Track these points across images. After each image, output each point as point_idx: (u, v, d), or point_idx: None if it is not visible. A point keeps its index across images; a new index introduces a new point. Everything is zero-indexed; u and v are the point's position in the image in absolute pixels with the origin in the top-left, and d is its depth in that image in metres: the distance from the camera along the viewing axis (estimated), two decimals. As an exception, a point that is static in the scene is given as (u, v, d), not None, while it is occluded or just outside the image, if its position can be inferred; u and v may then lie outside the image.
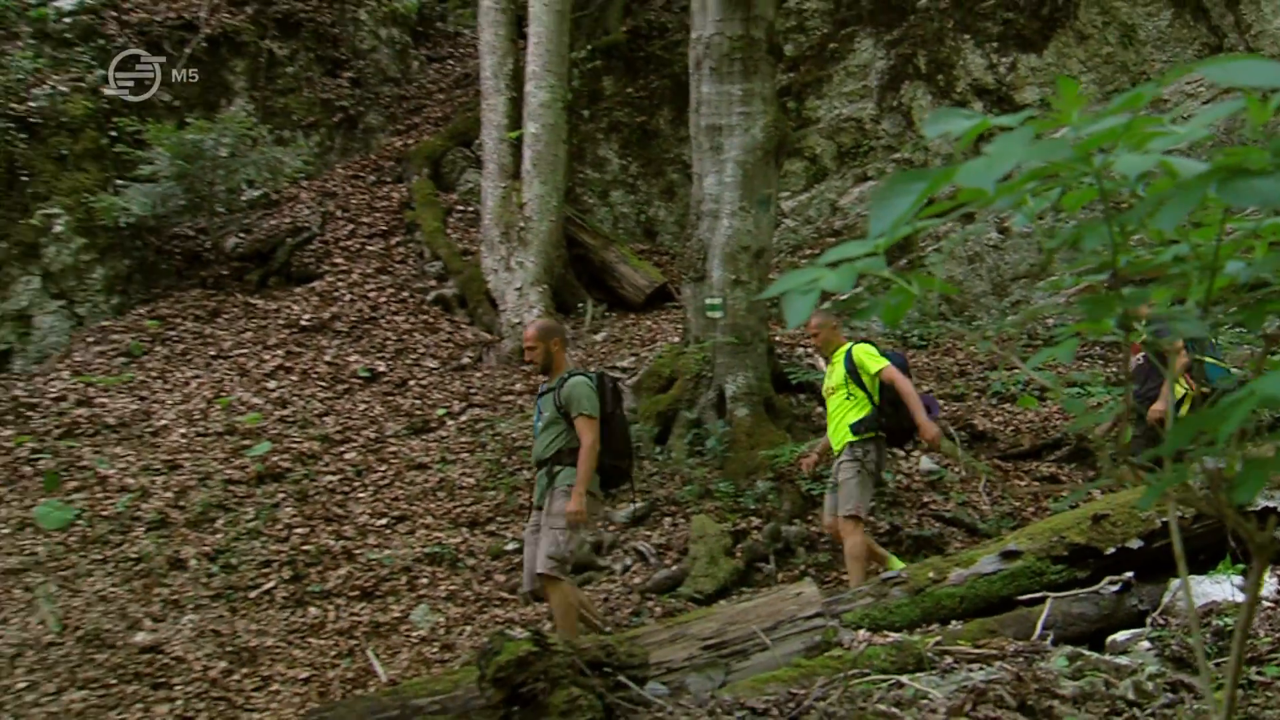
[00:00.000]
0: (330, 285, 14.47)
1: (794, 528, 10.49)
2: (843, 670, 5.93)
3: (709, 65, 11.54)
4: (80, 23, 15.62)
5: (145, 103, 15.53)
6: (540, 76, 14.24)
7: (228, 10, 16.40)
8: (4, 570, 11.02)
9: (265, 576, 10.92)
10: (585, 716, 5.91)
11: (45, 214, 14.31)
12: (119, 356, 13.70)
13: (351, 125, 16.69)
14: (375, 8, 17.44)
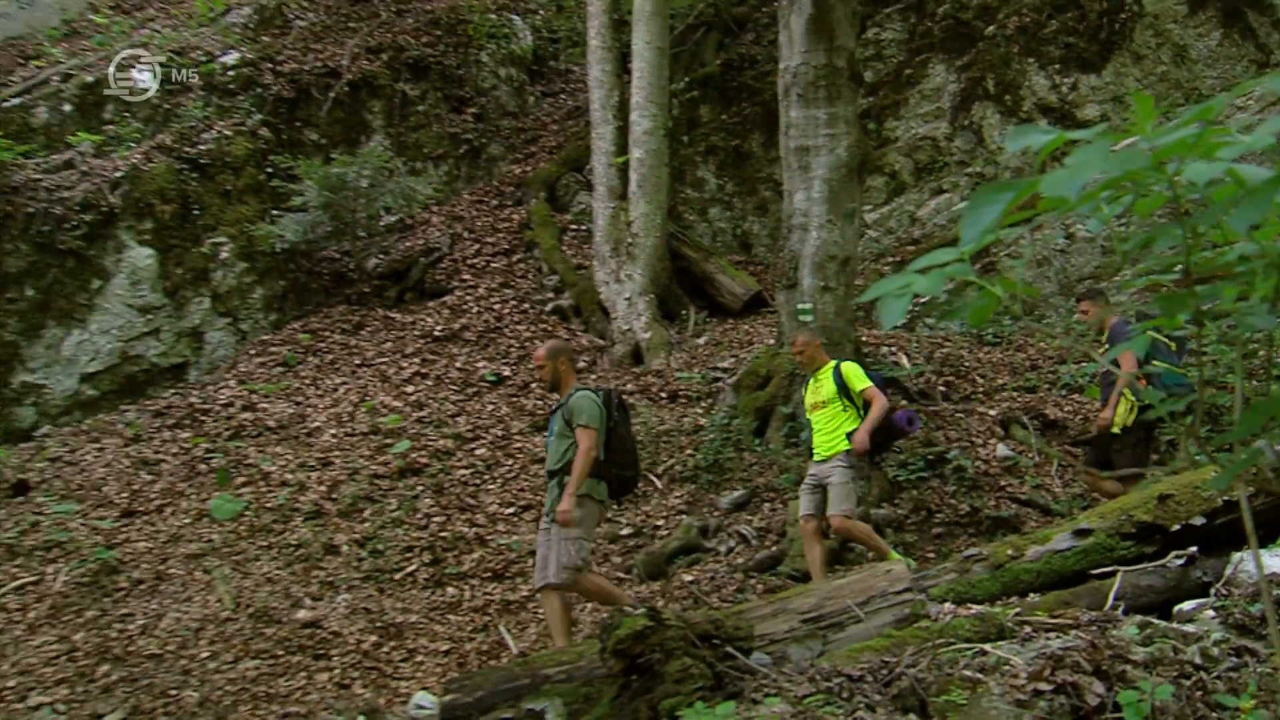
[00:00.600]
0: (459, 299, 14.53)
1: (881, 510, 10.39)
2: (930, 640, 5.84)
3: (796, 92, 11.47)
4: (241, 74, 15.82)
5: (296, 141, 15.69)
6: (644, 107, 14.22)
7: (366, 58, 16.52)
8: (186, 555, 11.18)
9: (408, 560, 10.99)
10: (697, 684, 5.86)
11: (213, 243, 14.50)
12: (277, 367, 13.84)
13: (476, 156, 16.75)
14: (495, 50, 17.49)
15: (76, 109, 15.52)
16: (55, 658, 10.11)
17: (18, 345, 13.75)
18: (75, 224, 14.09)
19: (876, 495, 10.46)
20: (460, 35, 17.28)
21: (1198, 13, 14.45)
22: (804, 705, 5.26)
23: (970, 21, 14.67)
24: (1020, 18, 14.38)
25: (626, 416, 9.10)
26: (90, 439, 13.22)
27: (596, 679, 6.64)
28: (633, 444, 9.08)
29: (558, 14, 18.14)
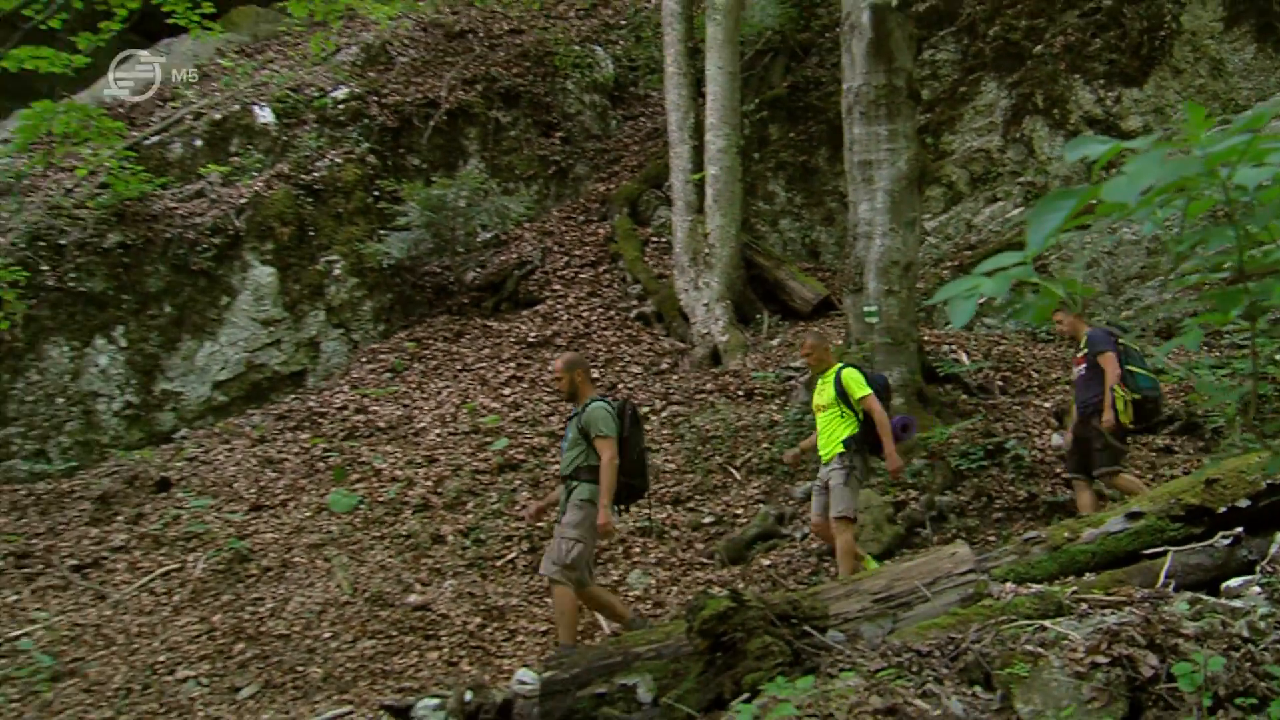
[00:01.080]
0: (550, 308, 14.55)
1: (945, 498, 10.28)
2: (993, 617, 5.78)
3: (859, 111, 11.41)
4: (350, 107, 15.94)
5: (400, 166, 15.78)
6: (717, 127, 14.18)
7: (462, 89, 16.59)
8: (308, 545, 11.28)
9: (508, 549, 11.01)
10: (776, 660, 5.83)
11: (327, 260, 14.63)
12: (386, 373, 13.93)
13: (563, 176, 16.78)
14: (580, 79, 17.51)
15: (206, 144, 15.71)
16: (197, 636, 10.27)
17: (158, 357, 13.95)
18: (206, 247, 14.27)
19: (940, 483, 10.35)
20: (547, 66, 17.32)
21: (1233, 28, 14.21)
22: (877, 679, 5.22)
23: (1019, 41, 14.52)
24: (1066, 36, 14.21)
25: (639, 428, 8.94)
26: (222, 440, 13.38)
27: (683, 656, 6.62)
28: (641, 454, 8.90)
29: (636, 44, 18.12)
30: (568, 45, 17.62)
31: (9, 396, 13.53)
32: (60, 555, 11.87)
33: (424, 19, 17.95)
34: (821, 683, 5.33)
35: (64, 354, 13.71)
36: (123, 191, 14.34)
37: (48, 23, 8.63)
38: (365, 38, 17.39)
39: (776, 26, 16.21)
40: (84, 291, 13.91)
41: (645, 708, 6.58)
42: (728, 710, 5.74)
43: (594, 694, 6.86)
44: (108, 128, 13.45)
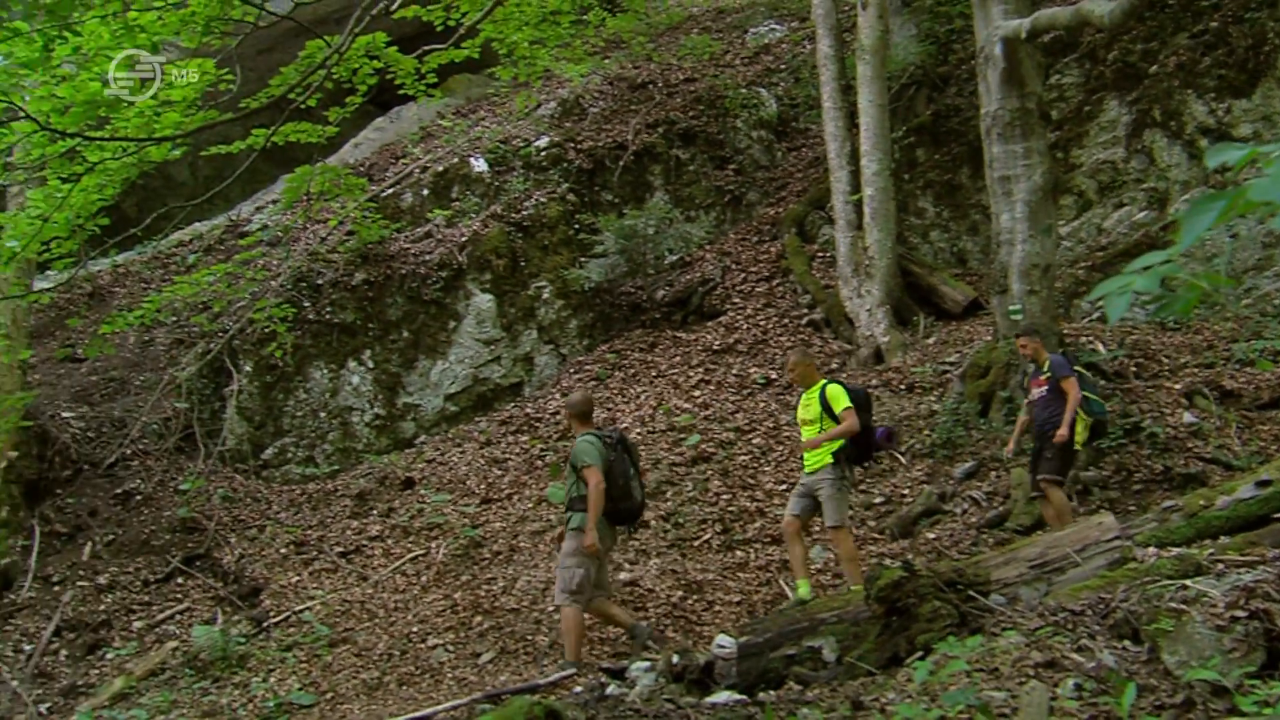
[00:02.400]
0: (731, 319, 14.61)
1: (1089, 473, 10.08)
2: (1139, 578, 5.69)
3: (996, 132, 11.27)
4: (551, 154, 16.25)
5: (595, 202, 16.01)
6: (871, 153, 14.09)
7: (646, 132, 16.76)
8: (531, 532, 11.53)
9: (703, 530, 11.10)
10: (945, 622, 5.84)
11: (537, 286, 14.93)
12: (591, 381, 14.15)
13: (737, 203, 16.81)
14: (747, 117, 17.55)
15: (432, 192, 16.15)
16: (442, 611, 10.57)
17: (399, 375, 14.39)
18: (435, 280, 14.68)
19: (1085, 460, 10.13)
20: (719, 108, 17.38)
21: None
22: (1036, 636, 5.21)
23: (1136, 63, 14.13)
24: (1178, 56, 13.78)
25: (627, 456, 8.84)
26: (454, 444, 13.74)
27: (862, 620, 6.66)
28: (629, 480, 8.76)
29: (795, 84, 18.06)
30: (736, 89, 17.67)
31: (283, 412, 14.12)
32: (329, 543, 12.35)
33: (610, 74, 18.18)
34: (987, 641, 5.33)
35: (324, 376, 14.25)
36: (366, 237, 14.85)
37: (306, 103, 8.98)
38: (561, 94, 17.69)
39: (918, 62, 16.04)
40: (338, 322, 14.43)
41: (830, 666, 6.63)
42: (904, 667, 5.77)
43: (785, 655, 6.94)
44: (353, 184, 13.94)
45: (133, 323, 12.71)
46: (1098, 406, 9.58)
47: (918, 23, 16.62)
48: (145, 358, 15.37)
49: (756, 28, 19.88)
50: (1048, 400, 9.58)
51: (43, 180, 9.85)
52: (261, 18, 8.52)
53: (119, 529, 12.68)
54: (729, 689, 6.84)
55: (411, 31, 11.55)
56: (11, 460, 12.80)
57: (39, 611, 11.58)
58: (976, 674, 4.92)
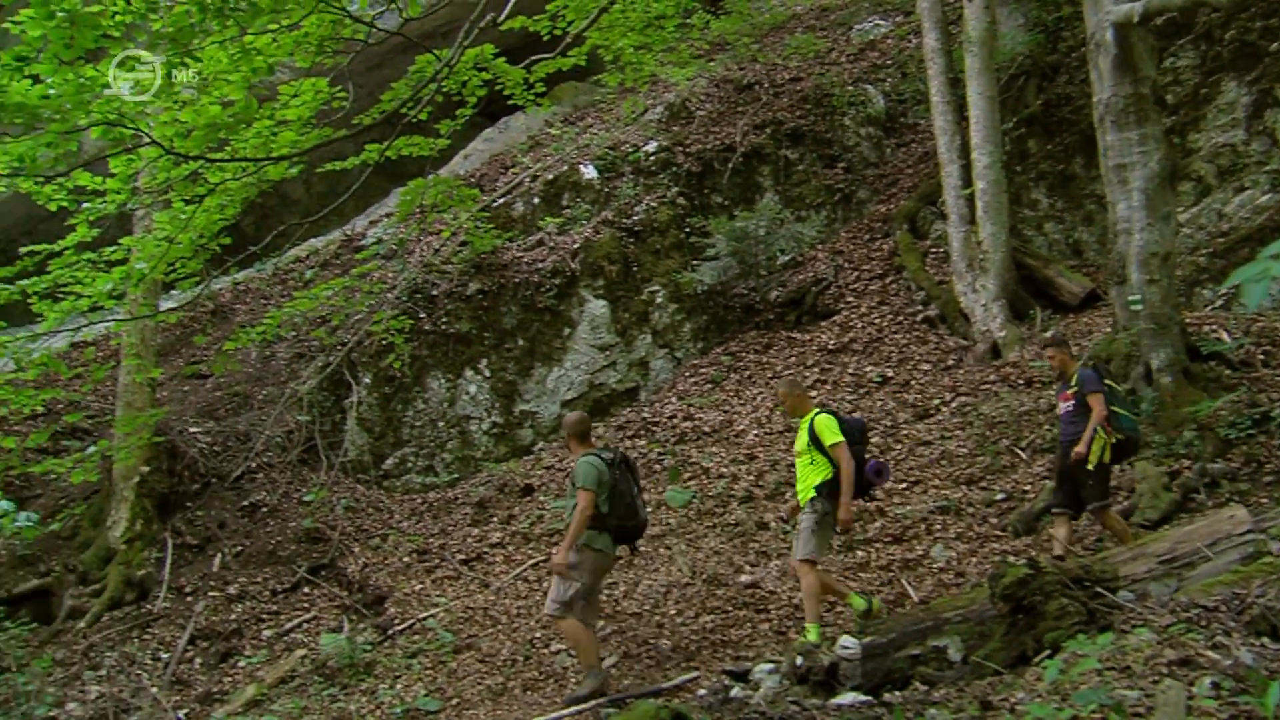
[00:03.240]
0: (846, 318, 14.52)
1: (1217, 465, 9.78)
2: (1275, 572, 5.55)
3: (1110, 120, 11.03)
4: (660, 158, 16.32)
5: (705, 205, 16.03)
6: (981, 146, 13.91)
7: (754, 133, 16.74)
8: (651, 536, 11.55)
9: (823, 529, 11.02)
10: (1073, 619, 5.76)
11: (650, 291, 14.99)
12: (707, 384, 14.16)
13: (847, 201, 16.71)
14: (855, 114, 17.43)
15: (543, 200, 16.31)
16: (564, 617, 10.62)
17: (516, 383, 14.56)
18: (548, 287, 14.81)
19: (1211, 452, 9.87)
20: (826, 106, 17.28)
21: None
22: (1168, 633, 5.10)
23: (1255, 42, 13.70)
24: (1302, 32, 13.41)
25: (629, 475, 8.76)
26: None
27: (987, 619, 6.60)
28: (633, 498, 8.65)
29: (902, 80, 17.89)
30: (842, 87, 17.56)
31: (403, 423, 14.38)
32: (451, 551, 12.54)
33: (716, 77, 18.19)
34: (1117, 638, 5.24)
35: (442, 385, 14.48)
36: (479, 247, 15.04)
37: (418, 117, 9.14)
38: (668, 98, 17.75)
39: (1026, 52, 15.76)
40: (454, 332, 14.65)
41: (956, 666, 6.58)
42: (1031, 666, 5.70)
43: (909, 655, 6.90)
44: (466, 195, 14.12)
45: (255, 339, 13.03)
46: (1127, 422, 9.22)
47: (1025, 12, 16.34)
48: (267, 372, 15.75)
49: (861, 24, 19.74)
50: (1073, 416, 9.28)
51: (167, 203, 10.16)
52: (371, 35, 8.69)
53: (247, 540, 13.01)
54: (854, 690, 6.82)
55: (517, 42, 11.68)
56: (144, 475, 13.22)
57: (174, 621, 11.93)
58: (1108, 672, 4.83)
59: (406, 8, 8.52)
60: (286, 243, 16.05)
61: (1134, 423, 9.34)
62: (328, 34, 8.49)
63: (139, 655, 11.38)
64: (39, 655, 11.42)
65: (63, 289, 9.57)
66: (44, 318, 9.63)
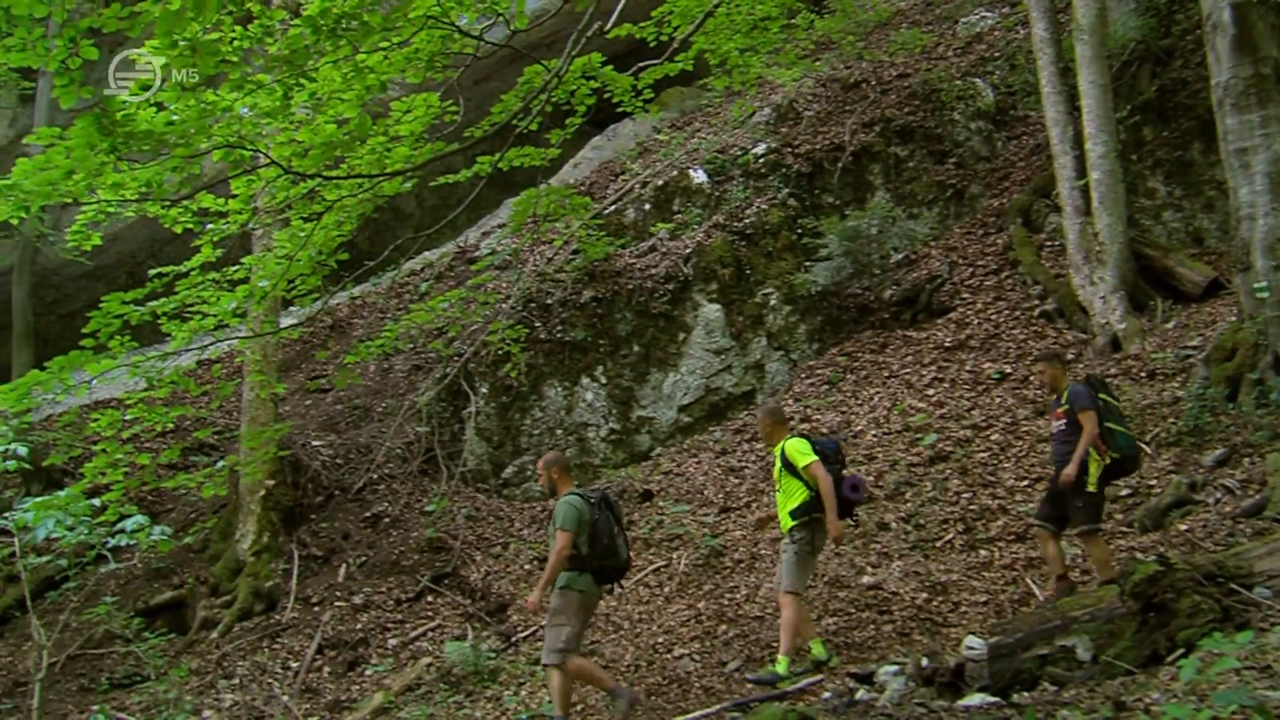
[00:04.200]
0: (962, 315, 14.35)
1: (1355, 460, 9.50)
2: None
3: (1230, 103, 10.77)
4: (769, 160, 16.30)
5: (816, 205, 15.98)
6: (1095, 136, 13.66)
7: (862, 131, 16.64)
8: (771, 539, 11.58)
9: (945, 530, 10.94)
10: (1207, 617, 5.66)
11: (764, 293, 14.98)
12: (823, 385, 14.10)
13: (959, 197, 16.51)
14: (964, 109, 17.22)
15: (653, 206, 16.41)
16: (687, 620, 10.70)
17: (632, 389, 14.65)
18: (662, 293, 14.88)
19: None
20: (935, 101, 17.11)
21: None
22: (1309, 632, 4.98)
23: (1384, 15, 13.31)
24: None
25: (610, 514, 8.59)
26: (690, 455, 13.89)
27: (1117, 617, 6.49)
28: (612, 538, 8.47)
29: (1011, 71, 17.63)
30: (950, 81, 17.37)
31: (521, 431, 14.55)
32: (572, 558, 12.62)
33: (822, 76, 18.11)
34: (1256, 637, 5.14)
35: (559, 393, 14.62)
36: (592, 254, 15.18)
37: (529, 127, 9.27)
38: (775, 99, 17.72)
39: (1139, 37, 15.43)
40: (569, 340, 14.79)
41: (1085, 666, 6.48)
42: (1165, 665, 5.61)
43: (1037, 655, 6.81)
44: (578, 203, 14.23)
45: (374, 352, 13.28)
46: (1123, 440, 8.95)
47: (1136, -4, 16.04)
48: (385, 385, 16.07)
49: (967, 17, 19.49)
50: (1065, 434, 9.08)
51: (286, 222, 10.44)
52: (480, 49, 8.84)
53: (370, 551, 13.27)
54: (981, 691, 6.77)
55: (623, 50, 11.75)
56: (269, 489, 13.58)
57: (302, 631, 12.23)
58: (1247, 672, 4.75)
59: (514, 20, 8.67)
60: (402, 257, 16.32)
61: (1131, 440, 9.09)
62: (437, 49, 8.66)
63: (269, 664, 11.68)
64: (176, 664, 11.80)
65: (189, 309, 9.86)
66: (172, 337, 9.91)
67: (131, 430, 10.83)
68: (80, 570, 11.34)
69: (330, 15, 7.33)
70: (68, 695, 11.86)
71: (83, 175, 7.48)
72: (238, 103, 7.74)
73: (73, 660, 12.34)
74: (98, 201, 8.29)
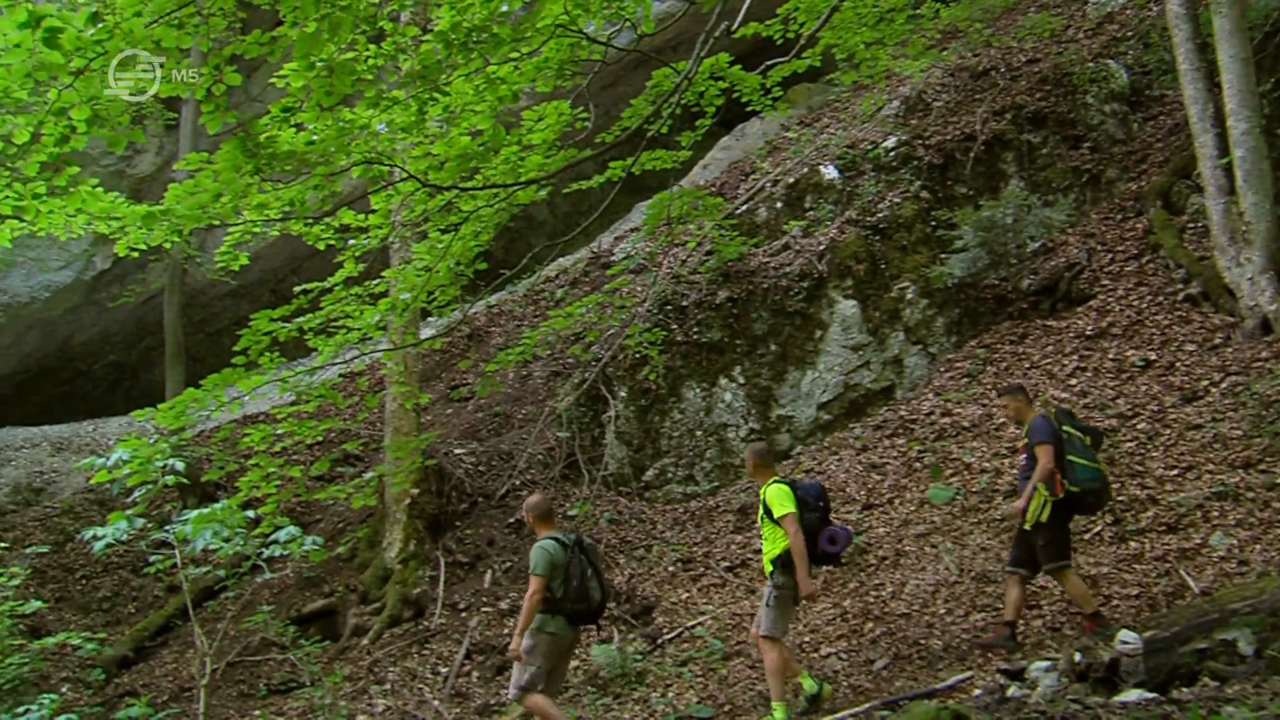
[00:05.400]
0: (1102, 302, 14.03)
1: None
2: None
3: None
4: (900, 153, 16.16)
5: (949, 197, 15.78)
6: (1237, 112, 13.26)
7: (994, 120, 16.40)
8: (915, 535, 11.52)
9: (1093, 522, 10.73)
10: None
11: (899, 288, 14.85)
12: (963, 378, 13.94)
13: (1096, 181, 16.15)
14: (1097, 91, 16.84)
15: (785, 204, 16.41)
16: (833, 619, 10.73)
17: (770, 389, 14.65)
18: (797, 291, 14.87)
19: None
20: (1066, 85, 16.77)
21: None
22: None
23: None
24: None
25: (582, 559, 8.66)
26: (830, 452, 13.86)
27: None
28: (584, 581, 8.58)
29: (1145, 50, 17.19)
30: (1082, 64, 17.00)
31: (660, 434, 14.67)
32: (715, 559, 12.73)
33: (950, 66, 17.88)
34: None
35: (697, 395, 14.70)
36: (726, 255, 15.25)
37: (661, 130, 9.37)
38: (903, 91, 17.55)
39: (1281, 7, 14.96)
40: (706, 341, 14.86)
41: (1249, 660, 6.36)
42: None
43: (1195, 649, 6.70)
44: (711, 204, 14.32)
45: (514, 359, 13.51)
46: (1085, 473, 8.72)
47: (1278, -34, 15.51)
48: (525, 392, 16.33)
49: (1098, -2, 19.10)
50: (1026, 469, 8.97)
51: (423, 234, 10.69)
52: (608, 54, 8.96)
53: (515, 556, 13.51)
54: (1138, 687, 6.67)
55: (749, 49, 11.78)
56: (414, 497, 13.92)
57: (450, 636, 12.51)
58: None
59: (640, 24, 8.77)
60: (536, 264, 16.57)
61: (1094, 473, 8.83)
62: (566, 57, 8.81)
63: (419, 669, 11.97)
64: (330, 670, 12.17)
65: (334, 323, 10.17)
66: (319, 351, 10.22)
67: (282, 444, 11.22)
68: (237, 580, 11.76)
69: (461, 29, 7.52)
70: (228, 700, 12.33)
71: (230, 197, 7.81)
72: (374, 119, 7.99)
73: (232, 667, 12.83)
74: (244, 222, 8.63)
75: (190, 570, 9.73)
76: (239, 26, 12.00)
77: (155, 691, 12.89)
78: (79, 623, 14.11)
